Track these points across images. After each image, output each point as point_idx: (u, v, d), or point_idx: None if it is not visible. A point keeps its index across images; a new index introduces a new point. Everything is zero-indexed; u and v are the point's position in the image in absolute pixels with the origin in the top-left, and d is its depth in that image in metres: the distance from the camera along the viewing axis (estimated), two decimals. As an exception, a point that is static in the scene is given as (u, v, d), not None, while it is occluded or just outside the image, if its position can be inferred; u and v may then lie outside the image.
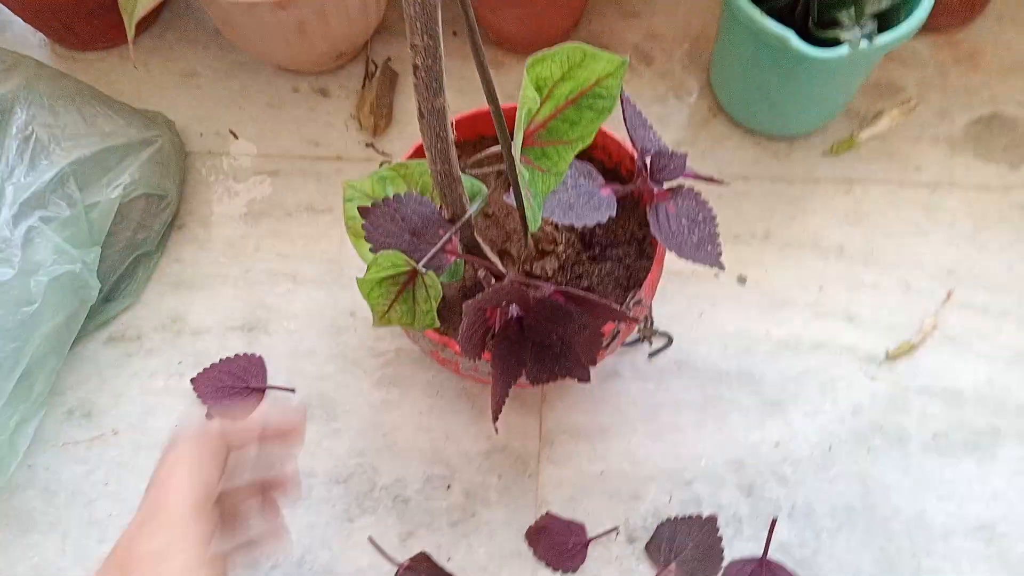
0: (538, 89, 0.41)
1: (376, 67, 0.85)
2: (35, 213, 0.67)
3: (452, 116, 0.65)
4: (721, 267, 0.53)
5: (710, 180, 0.56)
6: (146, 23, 0.89)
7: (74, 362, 0.74)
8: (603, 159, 0.67)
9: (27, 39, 0.90)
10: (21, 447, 0.68)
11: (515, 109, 0.66)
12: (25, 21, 0.87)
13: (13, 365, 0.65)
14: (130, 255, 0.75)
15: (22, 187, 0.69)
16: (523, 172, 0.43)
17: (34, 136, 0.71)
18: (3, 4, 0.84)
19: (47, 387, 0.70)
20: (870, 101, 0.82)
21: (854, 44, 0.63)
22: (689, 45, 0.86)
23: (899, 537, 0.67)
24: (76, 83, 0.77)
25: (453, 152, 0.48)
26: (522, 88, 0.40)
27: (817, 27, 0.67)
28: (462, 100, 0.83)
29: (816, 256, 0.76)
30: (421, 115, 0.44)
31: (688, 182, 0.56)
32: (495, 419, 0.53)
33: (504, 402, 0.53)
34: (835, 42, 0.65)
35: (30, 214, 0.67)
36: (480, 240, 0.57)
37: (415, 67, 0.41)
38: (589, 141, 0.44)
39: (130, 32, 0.72)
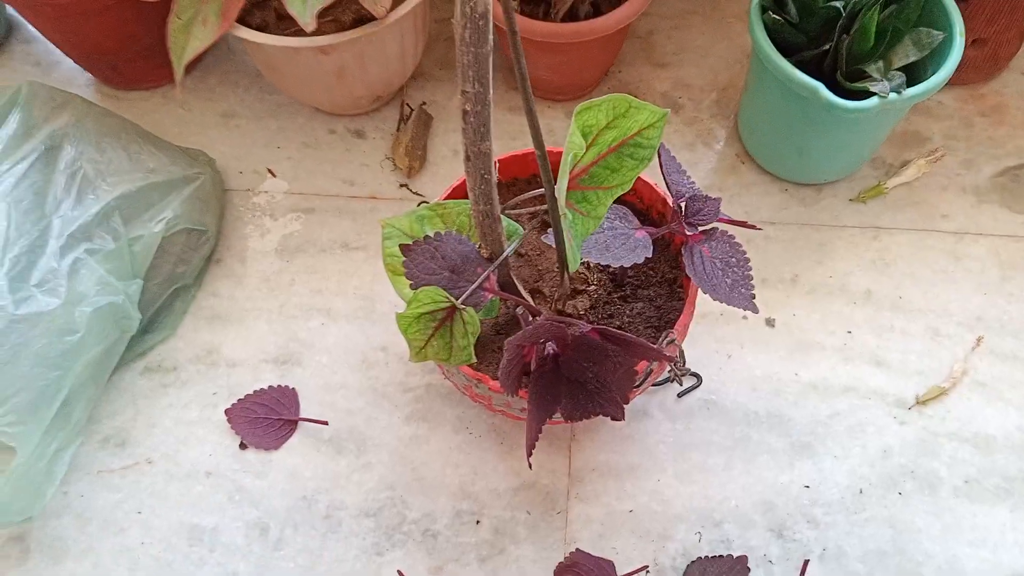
0: (584, 135, 0.43)
1: (411, 110, 0.88)
2: (81, 245, 0.70)
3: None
4: (755, 310, 0.54)
5: (743, 224, 0.57)
6: (189, 66, 0.92)
7: (111, 391, 0.76)
8: (635, 202, 0.69)
9: (75, 78, 0.94)
10: (58, 474, 0.69)
11: (552, 154, 0.68)
12: (75, 62, 0.90)
13: (55, 393, 0.66)
14: (169, 288, 0.77)
15: (69, 220, 0.71)
16: (566, 213, 0.44)
17: (81, 171, 0.74)
18: (54, 45, 0.87)
19: (85, 415, 0.71)
20: (897, 151, 0.83)
21: (883, 96, 0.65)
22: (717, 94, 0.88)
23: (930, 584, 0.66)
24: (122, 121, 0.80)
25: (495, 193, 0.49)
26: (569, 134, 0.42)
27: (846, 79, 0.69)
28: (494, 145, 0.85)
29: (844, 301, 0.77)
30: (467, 157, 0.46)
31: (721, 226, 0.57)
32: (529, 454, 0.53)
33: (538, 438, 0.54)
34: (864, 94, 0.67)
35: (76, 246, 0.69)
36: (514, 279, 0.59)
37: (464, 112, 0.43)
38: (628, 188, 0.45)
39: (178, 74, 0.74)
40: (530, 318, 0.54)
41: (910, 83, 0.68)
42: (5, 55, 0.95)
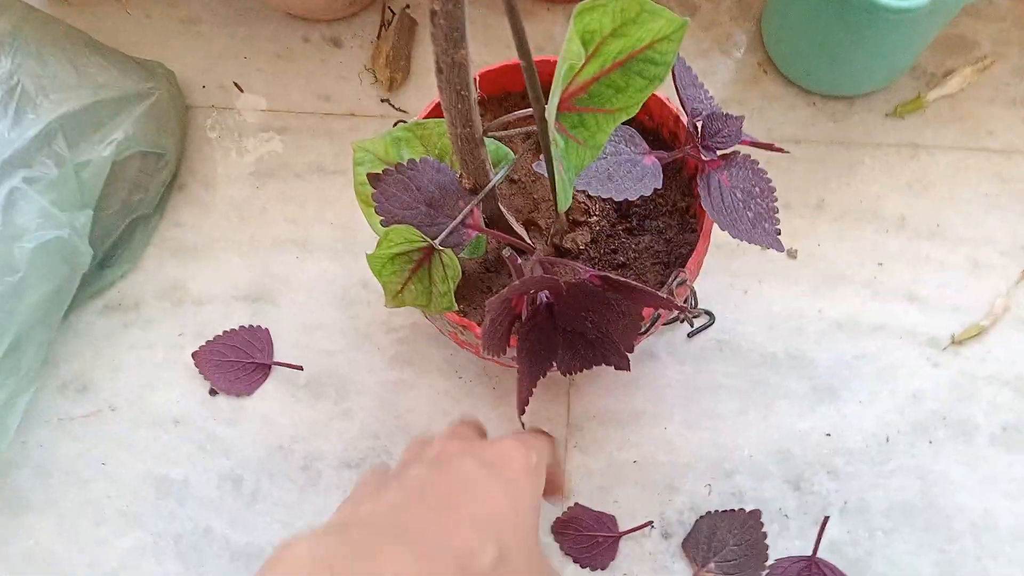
0: (584, 43, 0.34)
1: (393, 15, 0.78)
2: (18, 173, 0.62)
3: (476, 71, 0.58)
4: (780, 248, 0.47)
5: (770, 147, 0.49)
6: (145, -36, 0.82)
7: (68, 333, 0.69)
8: (643, 119, 0.60)
9: (19, -19, 0.84)
10: (12, 424, 0.64)
11: (542, 63, 0.59)
12: (14, -39, 0.80)
13: (-2, 339, 0.60)
14: (126, 218, 0.70)
15: (5, 144, 0.63)
16: (557, 140, 0.36)
17: (20, 87, 0.65)
18: (-10, -58, 0.77)
19: (38, 360, 0.65)
20: (940, 58, 0.74)
21: (936, -10, 0.56)
22: (738, -9, 0.78)
23: (963, 538, 0.61)
24: (68, 29, 0.70)
25: (476, 114, 0.41)
26: (566, 40, 0.34)
27: (891, -30, 0.59)
28: (487, 53, 0.76)
29: (875, 229, 0.69)
30: (439, 70, 0.38)
31: (744, 150, 0.49)
32: (521, 413, 0.47)
33: (531, 395, 0.47)
34: (913, -12, 0.57)
35: (13, 174, 0.62)
36: (505, 210, 0.51)
37: (432, 12, 0.35)
38: (634, 112, 0.37)
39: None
40: (518, 260, 0.47)
41: (964, -23, 0.58)
42: (-59, -45, 0.85)
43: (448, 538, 0.35)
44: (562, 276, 0.46)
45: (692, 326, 0.66)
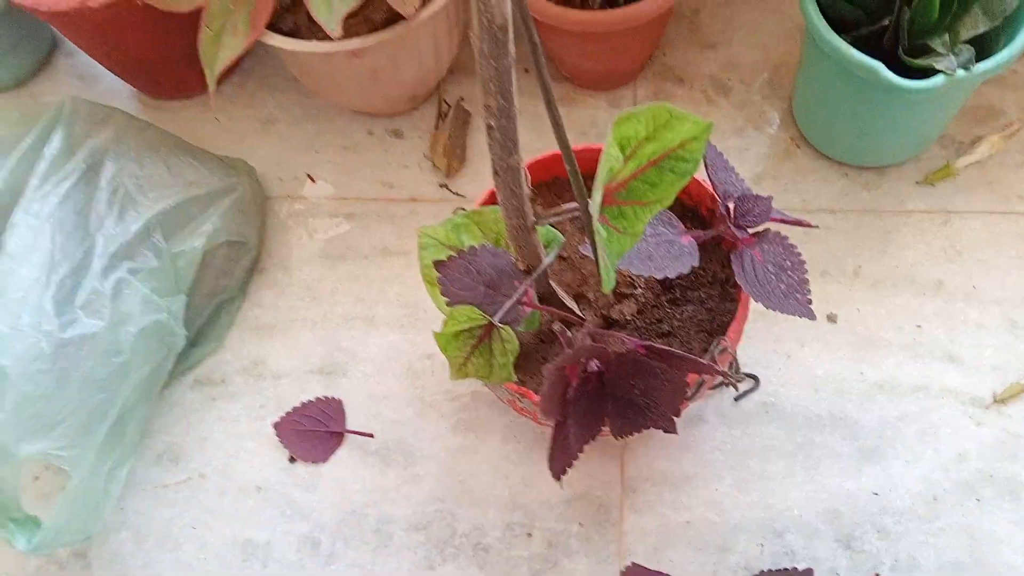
0: (622, 147, 0.40)
1: (449, 107, 0.85)
2: (123, 264, 0.69)
3: (527, 158, 0.64)
4: (811, 317, 0.51)
5: (799, 223, 0.53)
6: (228, 71, 0.91)
7: (162, 406, 0.76)
8: (683, 198, 0.65)
9: (118, 90, 0.94)
10: (115, 492, 0.70)
11: (587, 151, 0.65)
12: (114, 74, 0.90)
13: (104, 414, 0.67)
14: (213, 301, 0.77)
15: (112, 239, 0.71)
16: (600, 231, 0.42)
17: (123, 188, 0.73)
18: (93, 59, 0.87)
19: (138, 433, 0.72)
20: (967, 126, 0.78)
21: (949, 73, 0.60)
22: (769, 74, 0.83)
23: (1013, 597, 0.62)
24: (162, 133, 0.79)
25: (528, 207, 0.47)
26: (605, 146, 0.39)
27: (908, 55, 0.64)
28: (537, 139, 0.82)
29: (912, 293, 0.72)
30: (495, 172, 0.44)
31: (774, 226, 0.54)
32: (558, 475, 0.51)
33: (576, 459, 0.51)
34: (928, 71, 0.62)
35: (119, 265, 0.69)
36: (556, 286, 0.56)
37: (489, 127, 0.41)
38: (668, 203, 0.42)
39: (212, 85, 0.73)
40: (568, 333, 0.52)
41: (981, 55, 0.63)
42: (50, 69, 0.96)
43: None
44: (611, 346, 0.51)
45: (737, 391, 0.69)
